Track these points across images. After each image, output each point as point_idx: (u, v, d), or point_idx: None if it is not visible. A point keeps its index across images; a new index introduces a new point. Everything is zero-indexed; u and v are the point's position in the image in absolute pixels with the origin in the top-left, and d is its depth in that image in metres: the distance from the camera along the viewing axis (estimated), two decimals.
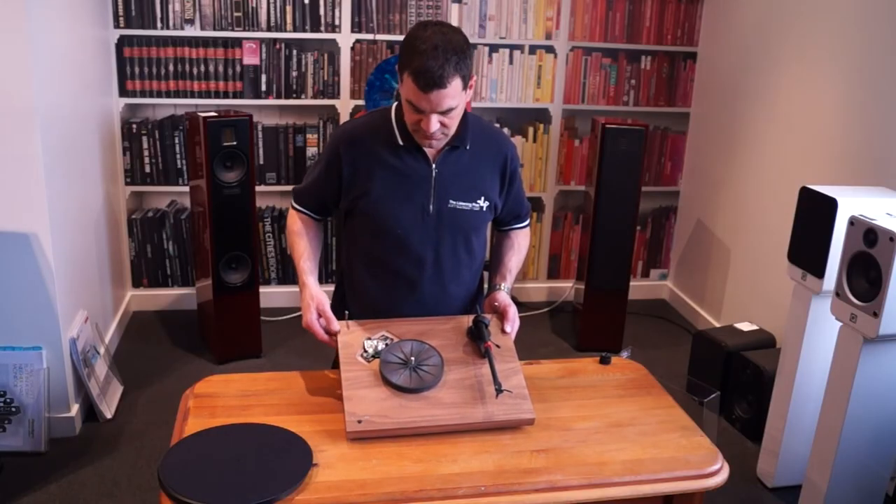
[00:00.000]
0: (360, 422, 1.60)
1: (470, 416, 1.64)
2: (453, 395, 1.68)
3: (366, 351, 1.74)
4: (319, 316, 1.78)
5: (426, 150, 1.82)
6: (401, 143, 1.82)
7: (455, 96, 1.68)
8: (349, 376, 1.69)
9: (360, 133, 1.86)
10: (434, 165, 1.83)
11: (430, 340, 1.78)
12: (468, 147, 1.85)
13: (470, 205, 1.87)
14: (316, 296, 1.80)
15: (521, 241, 2.05)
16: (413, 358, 1.74)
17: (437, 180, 1.83)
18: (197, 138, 3.37)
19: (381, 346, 1.75)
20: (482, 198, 1.88)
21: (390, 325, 1.81)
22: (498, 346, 1.77)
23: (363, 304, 1.96)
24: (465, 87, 1.71)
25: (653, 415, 1.76)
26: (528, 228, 2.09)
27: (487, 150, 1.89)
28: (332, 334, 1.77)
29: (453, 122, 1.74)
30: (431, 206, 1.84)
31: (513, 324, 1.83)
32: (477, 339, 1.78)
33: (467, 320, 1.83)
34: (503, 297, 1.88)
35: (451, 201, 1.85)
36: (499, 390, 1.64)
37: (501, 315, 1.85)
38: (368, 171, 1.83)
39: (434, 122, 1.70)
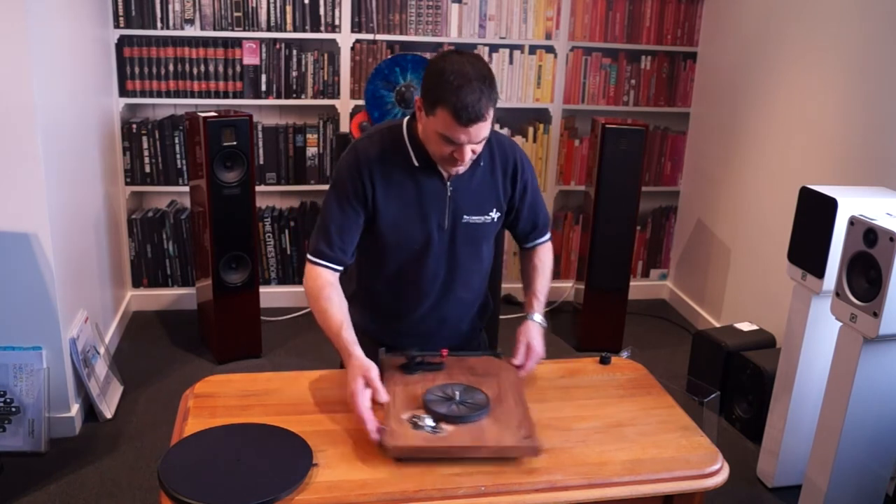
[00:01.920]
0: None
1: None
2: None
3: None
4: (367, 385, 1.63)
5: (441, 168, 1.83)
6: (416, 164, 1.81)
7: (489, 125, 1.69)
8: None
9: (376, 154, 1.83)
10: (449, 184, 1.83)
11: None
12: (481, 164, 1.85)
13: (483, 218, 1.88)
14: (365, 366, 1.66)
15: (543, 259, 2.03)
16: (457, 393, 1.69)
17: (451, 198, 1.84)
18: (197, 138, 3.37)
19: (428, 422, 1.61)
20: (494, 209, 1.89)
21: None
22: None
23: (373, 307, 1.97)
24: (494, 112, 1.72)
25: (653, 415, 1.76)
26: (549, 244, 2.07)
27: (498, 161, 1.89)
28: (377, 404, 1.62)
29: (480, 148, 1.75)
30: (446, 223, 1.85)
31: (519, 356, 1.83)
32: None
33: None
34: (529, 330, 1.88)
35: (465, 217, 1.86)
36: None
37: (515, 348, 1.85)
38: (385, 193, 1.82)
39: (468, 151, 1.70)
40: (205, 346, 3.73)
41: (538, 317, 1.92)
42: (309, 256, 1.84)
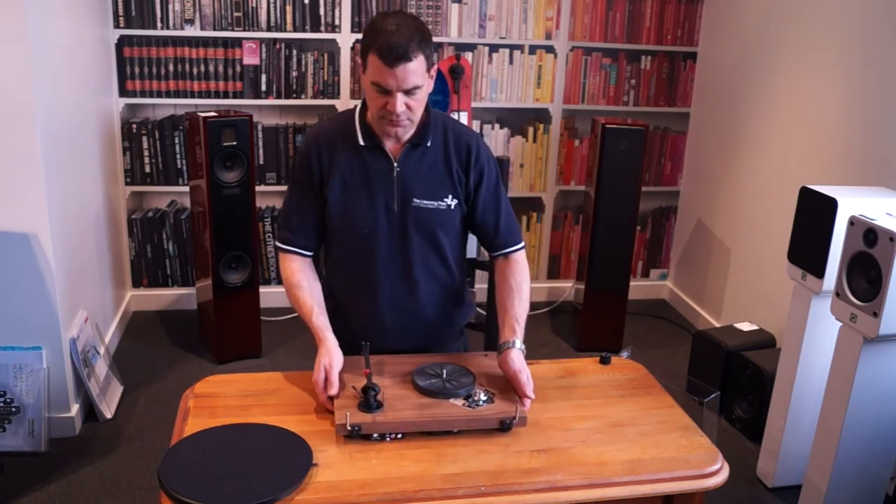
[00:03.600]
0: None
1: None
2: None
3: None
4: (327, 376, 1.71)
5: (388, 148, 1.83)
6: (362, 142, 1.83)
7: (420, 74, 1.70)
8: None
9: (325, 135, 1.87)
10: (396, 164, 1.83)
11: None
12: (429, 144, 1.84)
13: (435, 203, 1.85)
14: (331, 353, 1.74)
15: (519, 280, 1.91)
16: (445, 371, 1.76)
17: (399, 178, 1.83)
18: (197, 138, 3.37)
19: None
20: (449, 196, 1.86)
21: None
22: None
23: (335, 299, 1.96)
24: (429, 69, 1.73)
25: (653, 415, 1.76)
26: (522, 256, 1.95)
27: (451, 144, 1.87)
28: (331, 396, 1.69)
29: (418, 104, 1.75)
30: (395, 205, 1.84)
31: (527, 388, 1.72)
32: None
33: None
34: (515, 359, 1.75)
35: (414, 200, 1.84)
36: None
37: (513, 381, 1.74)
38: (331, 172, 1.84)
39: (400, 102, 1.70)
40: (205, 346, 3.73)
41: (519, 343, 1.81)
42: (277, 244, 1.93)
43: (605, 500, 1.52)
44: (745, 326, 3.47)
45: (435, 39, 3.96)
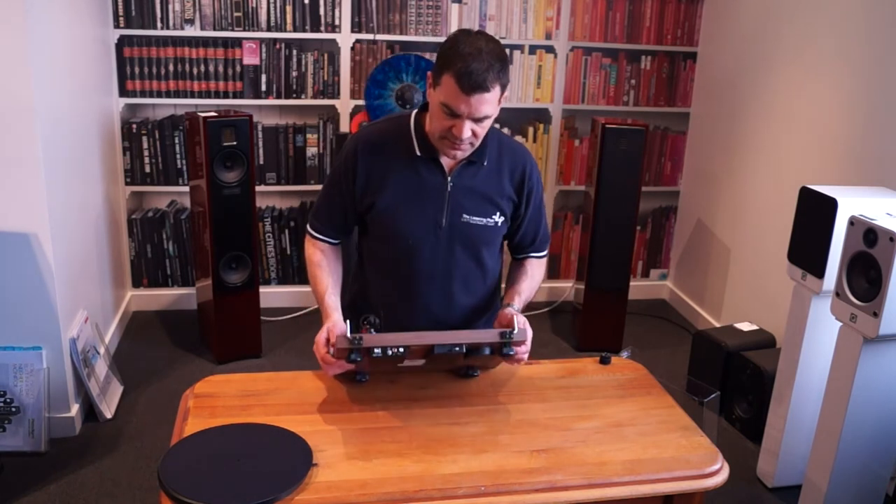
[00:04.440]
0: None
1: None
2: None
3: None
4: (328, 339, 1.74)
5: (443, 162, 1.81)
6: (418, 153, 1.81)
7: (493, 103, 1.67)
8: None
9: (378, 140, 1.84)
10: (450, 179, 1.81)
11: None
12: (485, 163, 1.83)
13: (484, 220, 1.85)
14: (336, 324, 1.77)
15: (534, 270, 1.99)
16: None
17: (451, 194, 1.82)
18: (197, 138, 3.37)
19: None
20: (497, 213, 1.86)
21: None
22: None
23: (371, 305, 1.97)
24: (501, 97, 1.70)
25: (653, 415, 1.76)
26: (544, 260, 2.04)
27: (505, 164, 1.87)
28: (331, 347, 1.70)
29: (483, 132, 1.73)
30: (444, 220, 1.83)
31: (522, 323, 1.74)
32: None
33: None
34: (511, 310, 1.81)
35: (464, 215, 1.83)
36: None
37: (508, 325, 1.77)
38: (383, 180, 1.82)
39: (467, 129, 1.68)
40: (205, 346, 3.73)
41: (517, 307, 1.85)
42: (307, 228, 1.97)
43: (605, 500, 1.52)
44: (745, 326, 3.48)
45: (435, 39, 3.98)
